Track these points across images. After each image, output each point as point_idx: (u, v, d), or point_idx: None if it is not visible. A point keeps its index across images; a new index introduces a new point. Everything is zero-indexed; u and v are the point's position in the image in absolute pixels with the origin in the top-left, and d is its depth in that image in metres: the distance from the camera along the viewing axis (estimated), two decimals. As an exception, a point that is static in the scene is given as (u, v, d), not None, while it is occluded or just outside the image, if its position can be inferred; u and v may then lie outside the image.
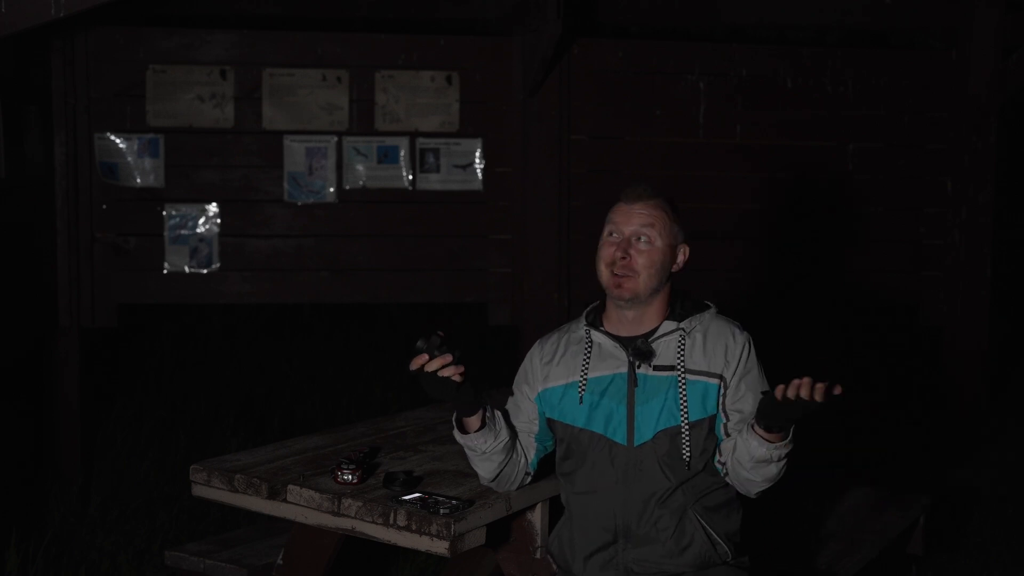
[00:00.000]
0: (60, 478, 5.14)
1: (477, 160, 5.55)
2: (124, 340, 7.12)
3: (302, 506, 2.83)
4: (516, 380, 2.95)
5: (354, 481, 2.85)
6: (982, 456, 5.85)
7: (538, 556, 3.00)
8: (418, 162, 5.52)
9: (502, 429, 2.77)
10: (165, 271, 5.39)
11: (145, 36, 5.35)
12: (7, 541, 4.17)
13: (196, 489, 3.01)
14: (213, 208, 5.41)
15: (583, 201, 5.57)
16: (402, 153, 5.50)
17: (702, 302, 2.87)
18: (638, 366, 2.77)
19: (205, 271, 5.41)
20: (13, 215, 4.83)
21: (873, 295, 6.00)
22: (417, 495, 2.76)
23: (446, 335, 2.59)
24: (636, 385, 2.76)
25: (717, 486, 2.80)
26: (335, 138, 5.46)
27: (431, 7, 5.73)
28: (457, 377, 2.59)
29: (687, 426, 2.73)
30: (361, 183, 5.49)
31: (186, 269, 5.39)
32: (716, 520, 2.79)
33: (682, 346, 2.77)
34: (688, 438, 2.73)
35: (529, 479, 2.91)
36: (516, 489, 2.88)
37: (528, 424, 2.88)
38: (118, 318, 5.39)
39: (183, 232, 5.38)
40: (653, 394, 2.74)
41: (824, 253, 5.87)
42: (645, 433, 2.74)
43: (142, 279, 5.39)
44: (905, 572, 4.37)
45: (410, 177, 5.51)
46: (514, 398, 2.93)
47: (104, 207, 5.33)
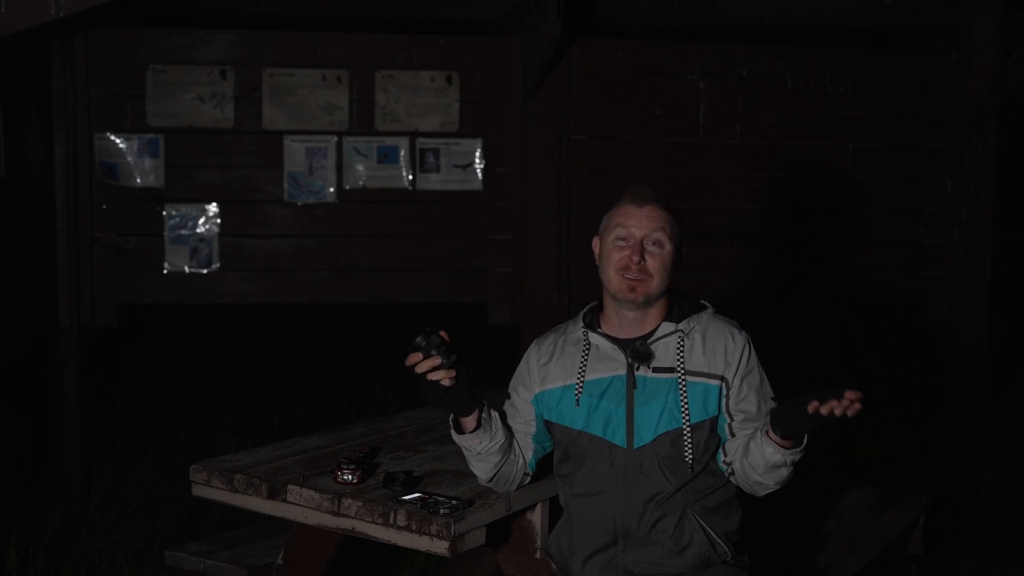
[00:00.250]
0: (60, 478, 5.14)
1: (477, 160, 5.55)
2: (124, 340, 7.12)
3: (302, 506, 2.83)
4: (512, 382, 2.94)
5: (354, 481, 2.85)
6: (982, 456, 5.84)
7: (538, 556, 3.00)
8: (418, 162, 5.51)
9: (498, 430, 2.77)
10: (165, 271, 5.38)
11: (145, 36, 5.34)
12: (7, 541, 4.17)
13: (196, 489, 3.01)
14: (213, 208, 5.40)
15: (583, 201, 5.57)
16: (402, 153, 5.50)
17: (699, 302, 2.87)
18: (636, 368, 2.76)
19: (205, 271, 5.40)
20: (13, 215, 4.83)
21: (873, 295, 6.00)
22: (417, 495, 2.76)
23: (447, 338, 2.57)
24: (635, 387, 2.75)
25: (717, 486, 2.80)
26: (335, 138, 5.45)
27: (431, 7, 5.73)
28: (447, 381, 2.57)
29: (689, 428, 2.73)
30: (361, 183, 5.49)
31: (186, 269, 5.39)
32: (715, 520, 2.79)
33: (681, 347, 2.76)
34: (690, 440, 2.72)
35: (528, 479, 2.91)
36: (515, 489, 2.88)
37: (525, 425, 2.88)
38: (118, 318, 5.39)
39: (183, 232, 5.38)
40: (653, 396, 2.74)
41: (824, 253, 5.87)
42: (645, 435, 2.73)
43: (142, 279, 5.39)
44: (905, 572, 4.36)
45: (410, 177, 5.51)
46: (511, 400, 2.92)
47: (104, 207, 5.33)
